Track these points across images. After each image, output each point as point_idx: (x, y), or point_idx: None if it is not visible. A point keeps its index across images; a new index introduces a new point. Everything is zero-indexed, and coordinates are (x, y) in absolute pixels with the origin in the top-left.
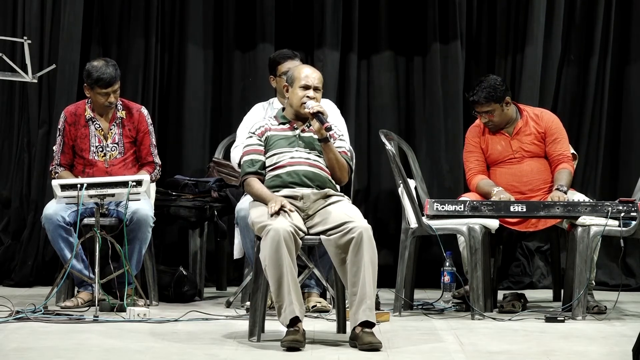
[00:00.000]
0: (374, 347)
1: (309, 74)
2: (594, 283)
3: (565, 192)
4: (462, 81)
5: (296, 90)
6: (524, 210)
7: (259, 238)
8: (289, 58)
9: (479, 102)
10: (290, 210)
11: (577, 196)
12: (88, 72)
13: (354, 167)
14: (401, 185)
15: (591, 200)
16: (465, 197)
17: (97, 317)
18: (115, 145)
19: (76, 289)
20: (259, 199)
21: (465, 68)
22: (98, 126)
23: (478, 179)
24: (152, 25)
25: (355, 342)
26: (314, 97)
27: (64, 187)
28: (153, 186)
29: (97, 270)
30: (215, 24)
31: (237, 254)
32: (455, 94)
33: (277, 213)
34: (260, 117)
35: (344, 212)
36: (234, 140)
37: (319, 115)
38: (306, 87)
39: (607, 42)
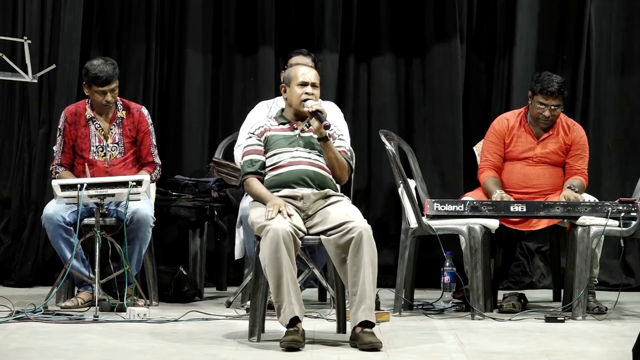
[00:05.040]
0: (374, 347)
1: (305, 72)
2: (597, 281)
3: (577, 192)
4: (462, 80)
5: (294, 88)
6: (524, 210)
7: (259, 238)
8: (299, 53)
9: (554, 93)
10: (290, 215)
11: (585, 197)
12: (86, 69)
13: (354, 167)
14: (401, 185)
15: (591, 200)
16: (466, 197)
17: (97, 317)
18: (115, 145)
19: (76, 289)
20: (258, 199)
21: (465, 67)
22: (98, 126)
23: (487, 175)
24: (153, 26)
25: (356, 342)
26: (312, 94)
27: (64, 187)
28: (153, 186)
29: (97, 270)
30: (214, 26)
31: (237, 254)
32: (455, 93)
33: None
34: (264, 114)
35: (343, 212)
36: (234, 141)
37: (317, 114)
38: (304, 84)
39: (603, 32)
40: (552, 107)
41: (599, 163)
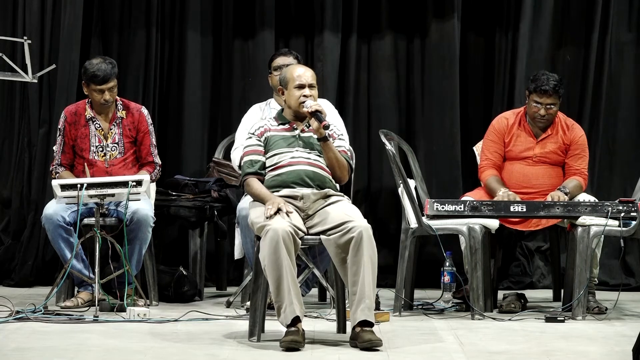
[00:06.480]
0: (374, 345)
1: (302, 73)
2: (597, 281)
3: (566, 194)
4: (459, 81)
5: (292, 91)
6: (524, 210)
7: (259, 238)
8: (281, 54)
9: (548, 92)
10: (289, 212)
11: (582, 196)
12: (85, 68)
13: (354, 166)
14: (401, 185)
15: (591, 200)
16: (466, 197)
17: (97, 317)
18: (115, 145)
19: (76, 289)
20: (258, 199)
21: (462, 65)
22: (98, 126)
23: (489, 174)
24: (152, 26)
25: (356, 341)
26: (310, 95)
27: (64, 187)
28: (153, 186)
29: (97, 270)
30: (214, 20)
31: (237, 254)
32: (454, 93)
33: (275, 214)
34: (258, 118)
35: (343, 211)
36: (234, 141)
37: (317, 114)
38: (301, 87)
39: (606, 32)
40: (547, 105)
41: (604, 162)
